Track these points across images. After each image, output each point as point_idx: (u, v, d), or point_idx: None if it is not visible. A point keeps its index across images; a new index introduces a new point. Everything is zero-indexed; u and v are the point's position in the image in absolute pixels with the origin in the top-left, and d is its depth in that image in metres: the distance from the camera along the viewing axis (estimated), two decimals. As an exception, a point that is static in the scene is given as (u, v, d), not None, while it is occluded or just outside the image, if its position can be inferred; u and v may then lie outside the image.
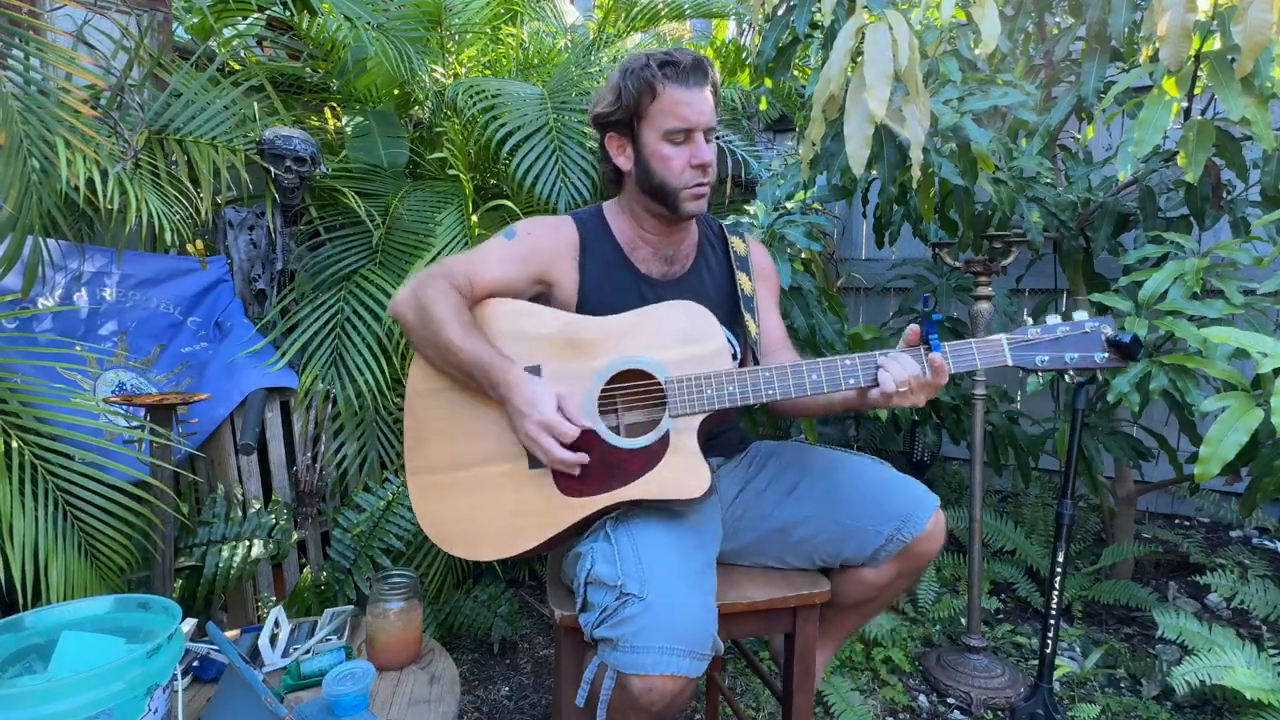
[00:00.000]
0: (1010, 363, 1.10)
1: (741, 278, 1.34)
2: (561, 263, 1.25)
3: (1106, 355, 1.10)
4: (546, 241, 1.25)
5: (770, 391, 1.11)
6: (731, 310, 1.32)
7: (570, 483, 1.13)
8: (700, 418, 1.12)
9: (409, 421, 1.20)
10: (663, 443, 1.12)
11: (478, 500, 1.15)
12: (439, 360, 1.16)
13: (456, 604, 2.05)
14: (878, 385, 1.08)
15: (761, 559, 1.28)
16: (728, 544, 1.27)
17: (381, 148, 2.16)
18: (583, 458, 1.08)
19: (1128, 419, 2.37)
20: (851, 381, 1.11)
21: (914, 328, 1.11)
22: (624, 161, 1.25)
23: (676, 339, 1.15)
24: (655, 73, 1.17)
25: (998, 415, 2.31)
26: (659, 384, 1.14)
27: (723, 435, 1.35)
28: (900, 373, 1.07)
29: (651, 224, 1.28)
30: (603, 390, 1.15)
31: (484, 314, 1.20)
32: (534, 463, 1.15)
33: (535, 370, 1.16)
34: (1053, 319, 1.12)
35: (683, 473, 1.11)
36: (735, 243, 1.38)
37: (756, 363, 1.28)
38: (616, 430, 1.17)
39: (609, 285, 1.25)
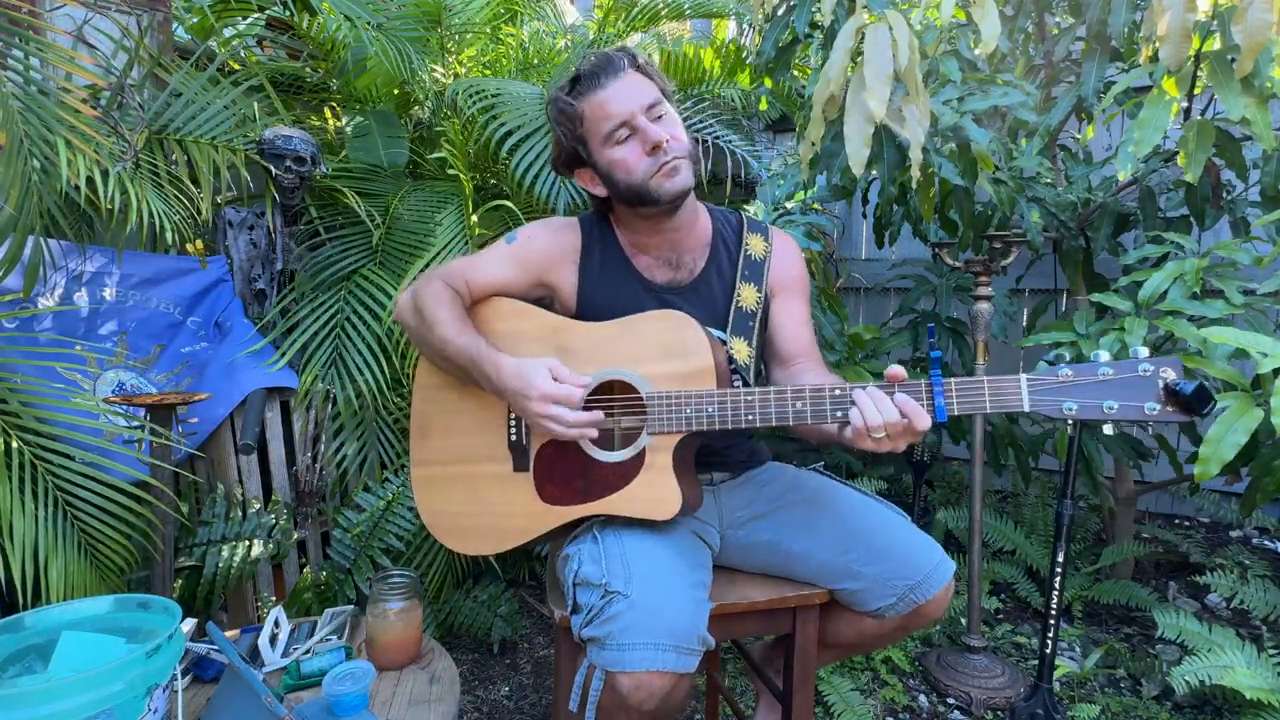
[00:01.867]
0: (1028, 409, 0.91)
1: (743, 290, 1.25)
2: (561, 267, 1.24)
3: (1160, 408, 0.84)
4: (545, 245, 1.25)
5: (750, 418, 1.05)
6: (722, 327, 1.23)
7: (549, 490, 1.14)
8: (678, 437, 1.09)
9: (415, 412, 1.25)
10: (639, 459, 1.10)
11: (470, 496, 1.19)
12: (436, 358, 1.20)
13: (456, 604, 2.05)
14: (849, 422, 0.99)
15: (767, 573, 1.26)
16: (735, 560, 1.27)
17: (381, 148, 2.16)
18: (598, 416, 1.07)
19: (1128, 419, 2.36)
20: (839, 414, 1.00)
21: (897, 369, 0.98)
22: (599, 189, 1.22)
23: (661, 352, 1.10)
24: (566, 99, 1.17)
25: (998, 415, 2.31)
26: (641, 397, 1.12)
27: (727, 450, 1.29)
28: (874, 415, 0.95)
29: (647, 228, 1.23)
30: (599, 395, 1.14)
31: (481, 313, 1.22)
32: (517, 465, 1.16)
33: None
34: (1101, 354, 0.90)
35: (653, 491, 1.09)
36: (752, 243, 1.28)
37: (766, 380, 1.25)
38: (613, 437, 1.16)
39: (607, 289, 1.23)
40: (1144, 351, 0.89)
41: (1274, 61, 1.48)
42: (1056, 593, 1.57)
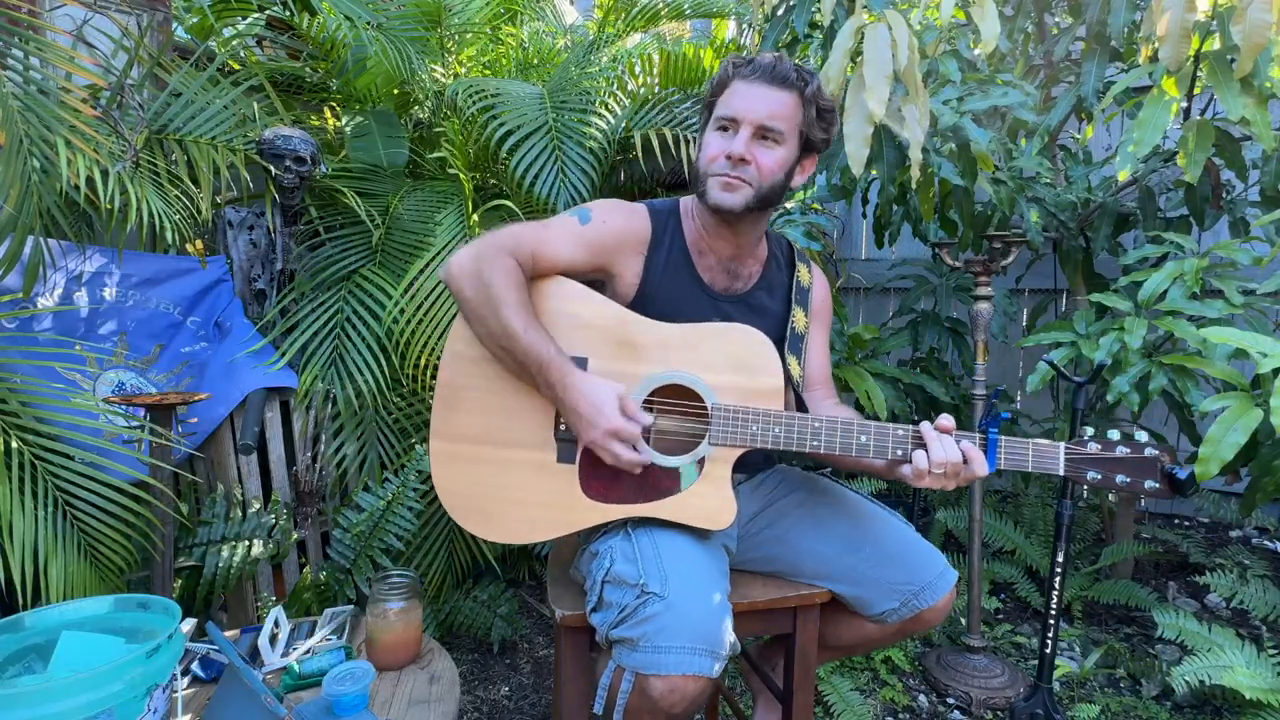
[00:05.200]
0: (1061, 474, 1.07)
1: (797, 313, 1.29)
2: (627, 255, 1.21)
3: (1158, 486, 1.05)
4: (617, 232, 1.20)
5: (815, 444, 1.08)
6: (779, 344, 1.25)
7: (596, 486, 1.11)
8: (740, 451, 1.10)
9: (443, 382, 1.15)
10: (698, 467, 1.11)
11: (501, 482, 1.13)
12: (490, 340, 1.11)
13: (456, 604, 2.05)
14: (910, 462, 1.06)
15: (772, 573, 1.27)
16: (742, 559, 1.27)
17: (381, 147, 2.16)
18: (646, 459, 1.07)
19: (1128, 419, 2.37)
20: (899, 452, 1.07)
21: (947, 419, 1.07)
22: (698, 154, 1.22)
23: (731, 365, 1.12)
24: (729, 67, 1.17)
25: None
26: (703, 405, 1.12)
27: (747, 454, 1.33)
28: (939, 454, 1.04)
29: (711, 226, 1.22)
30: (657, 399, 1.14)
31: (540, 290, 1.16)
32: (562, 457, 1.13)
33: (582, 363, 1.13)
34: (1114, 434, 1.08)
35: (712, 501, 1.10)
36: (801, 271, 1.33)
37: (798, 400, 1.26)
38: (646, 433, 1.15)
39: (668, 287, 1.21)
40: (1144, 436, 1.09)
41: (1273, 61, 1.48)
42: (1056, 593, 1.57)
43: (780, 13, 2.00)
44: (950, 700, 1.87)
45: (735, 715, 1.58)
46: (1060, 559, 1.57)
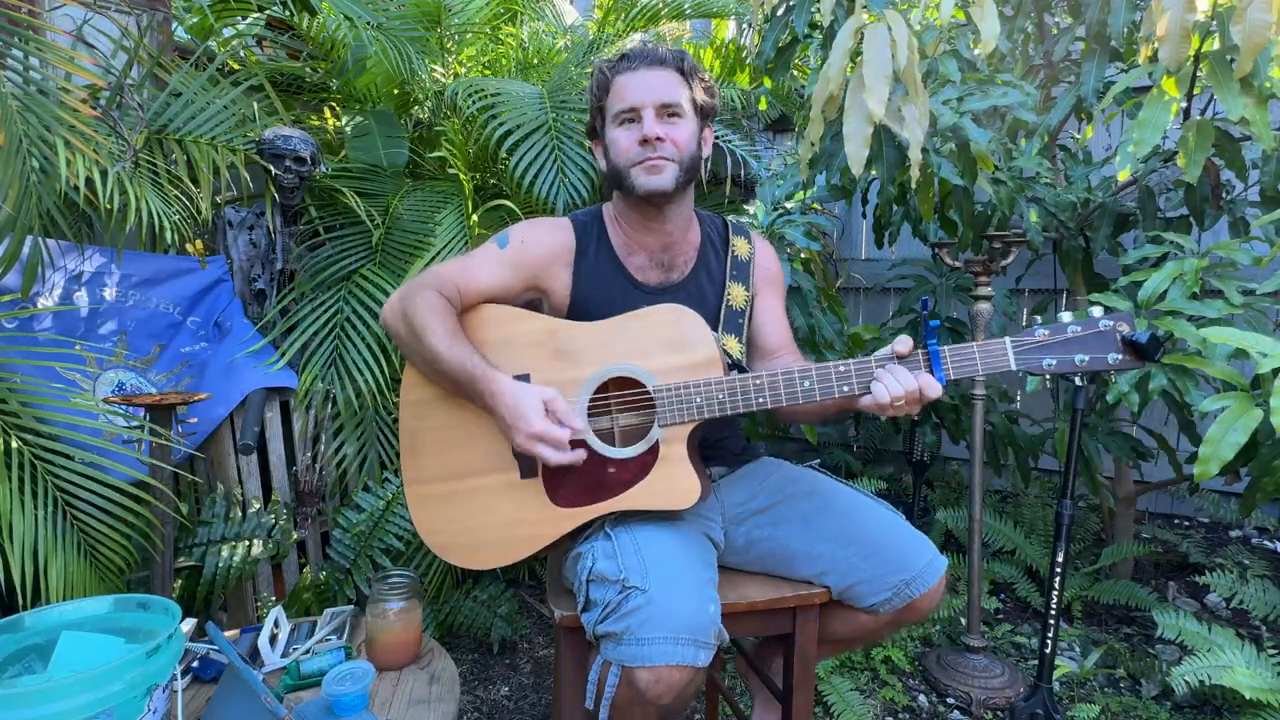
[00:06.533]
0: (1014, 368, 1.04)
1: (733, 289, 1.30)
2: (554, 269, 1.24)
3: (1121, 357, 1.01)
4: (539, 248, 1.24)
5: (761, 400, 1.09)
6: (714, 325, 1.28)
7: (562, 493, 1.13)
8: (690, 426, 1.11)
9: (403, 430, 1.20)
10: (653, 452, 1.11)
11: (473, 510, 1.15)
12: (427, 370, 1.16)
13: (456, 604, 2.05)
14: (870, 394, 1.05)
15: (764, 571, 1.27)
16: (733, 557, 1.27)
17: (381, 147, 2.16)
18: (580, 455, 1.08)
19: (1127, 419, 2.37)
20: (845, 389, 1.07)
21: (906, 340, 1.06)
22: (603, 162, 1.26)
23: (663, 345, 1.12)
24: (605, 69, 1.22)
25: (997, 415, 2.32)
26: (648, 391, 1.13)
27: (723, 442, 1.32)
28: (896, 387, 1.03)
29: (637, 223, 1.25)
30: (596, 394, 1.15)
31: (473, 321, 1.20)
32: (525, 472, 1.15)
33: (524, 379, 1.15)
34: (1065, 316, 1.04)
35: (672, 483, 1.10)
36: (738, 245, 1.34)
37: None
38: (612, 434, 1.16)
39: (601, 293, 1.24)
40: (1099, 311, 1.04)
41: (1273, 61, 1.48)
42: (1056, 593, 1.57)
43: (780, 13, 2.00)
44: (950, 700, 1.87)
45: (735, 715, 1.58)
46: (1060, 559, 1.57)
